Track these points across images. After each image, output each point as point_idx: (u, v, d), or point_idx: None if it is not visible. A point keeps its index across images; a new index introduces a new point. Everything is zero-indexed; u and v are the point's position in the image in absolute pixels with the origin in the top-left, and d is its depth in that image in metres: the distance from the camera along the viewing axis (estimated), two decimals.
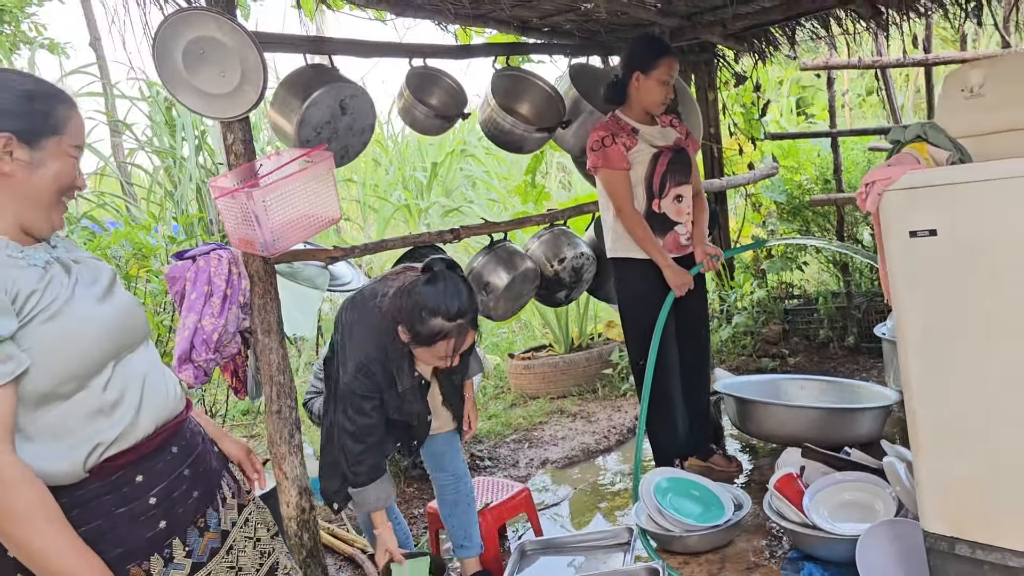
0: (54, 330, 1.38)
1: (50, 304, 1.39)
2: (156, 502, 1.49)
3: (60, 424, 1.39)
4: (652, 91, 3.32)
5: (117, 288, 1.57)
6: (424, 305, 2.33)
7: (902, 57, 5.36)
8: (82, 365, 1.41)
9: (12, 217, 1.44)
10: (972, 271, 1.90)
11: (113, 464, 1.44)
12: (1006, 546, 1.95)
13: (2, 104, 1.41)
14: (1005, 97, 2.27)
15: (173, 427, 1.57)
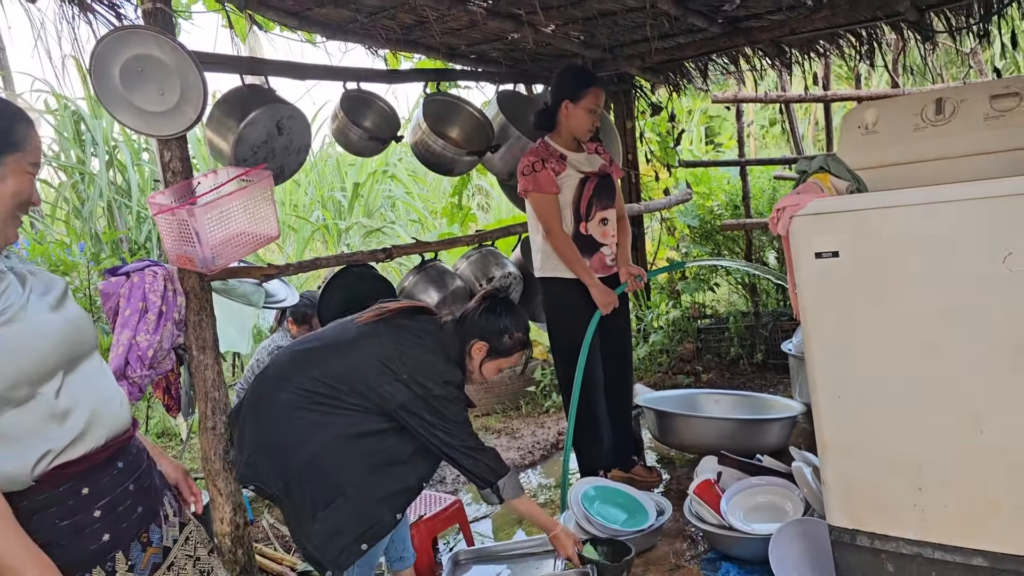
0: (8, 334, 1.40)
1: (5, 309, 1.41)
2: (101, 515, 1.51)
3: (11, 428, 1.40)
4: (580, 119, 3.51)
5: (68, 300, 1.59)
6: (510, 321, 2.67)
7: (804, 93, 5.76)
8: (34, 369, 1.43)
9: None
10: (869, 289, 2.12)
11: (62, 474, 1.45)
12: (899, 535, 2.17)
13: None
14: (895, 134, 2.54)
15: (122, 442, 1.59)
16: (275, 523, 3.94)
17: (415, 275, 3.89)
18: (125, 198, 7.78)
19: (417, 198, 10.15)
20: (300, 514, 2.46)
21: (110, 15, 3.25)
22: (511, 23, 3.79)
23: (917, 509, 2.14)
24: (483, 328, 2.64)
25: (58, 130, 8.10)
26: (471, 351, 2.63)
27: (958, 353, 2.02)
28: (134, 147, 8.09)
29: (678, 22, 3.97)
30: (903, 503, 2.16)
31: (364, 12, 3.62)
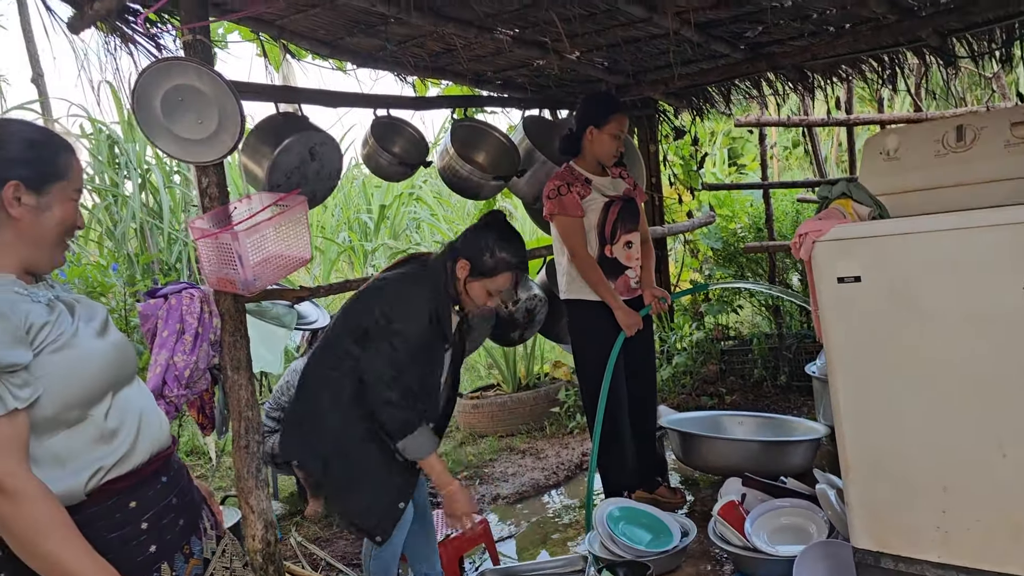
0: (62, 360, 1.47)
1: (59, 336, 1.48)
2: (147, 527, 1.57)
3: (65, 449, 1.48)
4: (604, 144, 3.58)
5: (111, 325, 1.67)
6: (495, 239, 2.62)
7: (826, 116, 5.80)
8: (85, 394, 1.50)
9: (17, 257, 1.53)
10: (892, 313, 2.16)
11: (112, 488, 1.52)
12: (923, 558, 2.19)
13: (9, 153, 1.50)
14: (917, 161, 2.58)
15: (164, 457, 1.66)
16: (303, 541, 4.00)
17: None
18: (156, 219, 7.95)
19: (442, 220, 10.25)
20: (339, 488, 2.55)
21: (150, 46, 3.38)
22: (536, 50, 3.88)
23: (941, 532, 2.16)
24: (466, 245, 2.64)
25: (93, 153, 8.30)
26: (456, 271, 2.63)
27: (980, 376, 2.05)
28: (166, 170, 8.28)
29: (701, 48, 4.04)
30: (927, 525, 2.18)
31: (393, 41, 3.73)
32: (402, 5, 3.05)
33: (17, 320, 1.42)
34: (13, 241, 1.52)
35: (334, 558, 3.81)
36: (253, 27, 3.62)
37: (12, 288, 1.48)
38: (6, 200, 1.49)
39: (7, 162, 1.50)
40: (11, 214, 1.49)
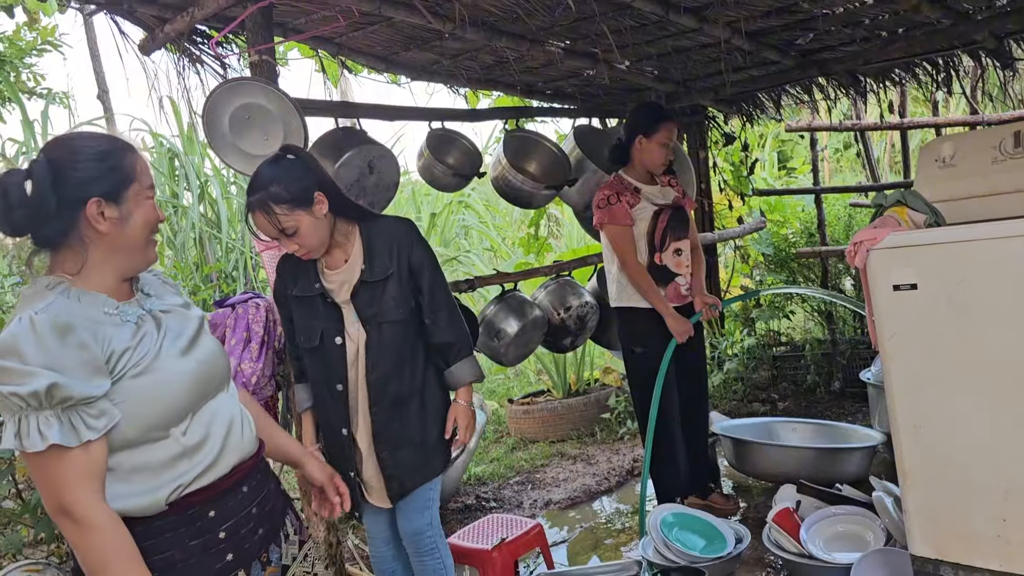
0: (142, 385, 1.49)
1: (140, 360, 1.50)
2: (225, 536, 1.59)
3: (145, 466, 1.51)
4: (654, 153, 3.62)
5: (203, 337, 1.66)
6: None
7: (879, 121, 5.73)
8: (166, 416, 1.52)
9: (111, 271, 1.55)
10: (948, 320, 2.16)
11: (191, 500, 1.55)
12: (984, 566, 2.18)
13: (82, 171, 1.50)
14: (972, 168, 2.58)
15: (248, 467, 1.68)
16: (360, 543, 4.10)
17: (496, 304, 4.04)
18: (215, 229, 8.19)
19: (492, 227, 10.35)
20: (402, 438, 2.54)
21: (216, 65, 3.52)
22: (587, 61, 3.94)
23: (1002, 540, 2.15)
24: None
25: (154, 166, 8.59)
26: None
27: None
28: (223, 181, 8.53)
29: (751, 56, 4.05)
30: (987, 533, 2.17)
31: (448, 55, 3.82)
32: (457, 22, 3.13)
33: (98, 349, 1.44)
34: (105, 257, 1.54)
35: None
36: (313, 44, 3.75)
37: (102, 309, 1.51)
38: (92, 219, 1.50)
39: (84, 182, 1.50)
40: (99, 231, 1.51)
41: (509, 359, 4.05)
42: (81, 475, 1.42)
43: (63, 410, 1.40)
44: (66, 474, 1.41)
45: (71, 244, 1.52)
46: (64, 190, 1.48)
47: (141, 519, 1.51)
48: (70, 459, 1.41)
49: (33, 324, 1.40)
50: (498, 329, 3.96)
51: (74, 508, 1.40)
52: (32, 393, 1.36)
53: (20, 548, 3.50)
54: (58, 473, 1.40)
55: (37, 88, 8.87)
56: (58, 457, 1.40)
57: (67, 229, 1.51)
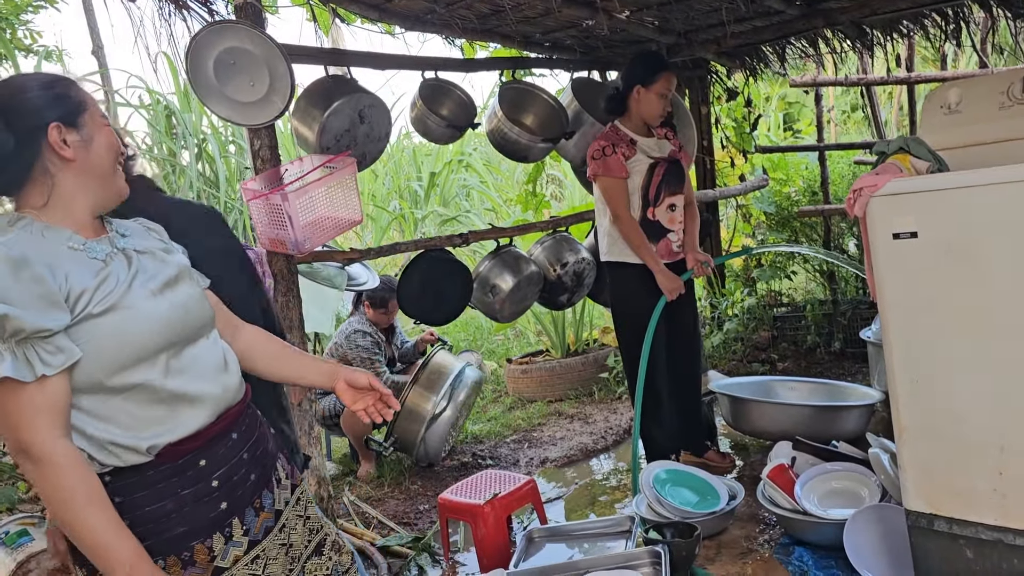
0: (106, 322, 1.43)
1: (105, 298, 1.44)
2: (218, 484, 1.55)
3: (123, 412, 1.46)
4: (652, 104, 3.52)
5: (183, 283, 1.61)
6: None
7: (886, 75, 5.60)
8: (133, 356, 1.45)
9: (81, 203, 1.50)
10: (948, 269, 2.10)
11: (179, 449, 1.51)
12: (979, 520, 2.14)
13: (33, 100, 1.45)
14: (979, 114, 2.49)
15: (234, 414, 1.64)
16: (355, 500, 4.09)
17: (491, 260, 3.98)
18: (213, 188, 8.12)
19: (492, 187, 10.26)
20: None
21: (203, 11, 3.42)
22: (586, 10, 3.83)
23: (998, 494, 2.11)
24: None
25: (151, 123, 8.50)
26: None
27: None
28: (221, 140, 8.44)
29: (754, 5, 3.93)
30: (983, 487, 2.13)
31: (442, 3, 3.71)
32: None
33: (55, 284, 1.39)
34: (74, 187, 1.49)
35: (385, 516, 3.90)
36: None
37: (66, 244, 1.46)
38: (55, 144, 1.45)
39: (38, 109, 1.45)
40: (64, 156, 1.46)
41: (504, 315, 4.00)
42: (38, 412, 1.37)
43: (16, 343, 1.35)
44: (22, 410, 1.36)
45: (35, 178, 1.46)
46: (19, 123, 1.43)
47: (132, 469, 1.47)
48: (26, 395, 1.36)
49: None
50: (492, 285, 3.91)
51: (31, 447, 1.36)
52: None
53: (15, 502, 3.50)
54: (14, 409, 1.36)
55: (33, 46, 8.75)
56: (13, 392, 1.36)
57: (29, 164, 1.45)
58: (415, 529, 3.76)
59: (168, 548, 1.49)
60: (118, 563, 1.40)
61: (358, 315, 4.62)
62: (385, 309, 4.51)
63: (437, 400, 4.36)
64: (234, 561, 1.57)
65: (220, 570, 1.54)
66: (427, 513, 3.95)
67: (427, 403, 4.36)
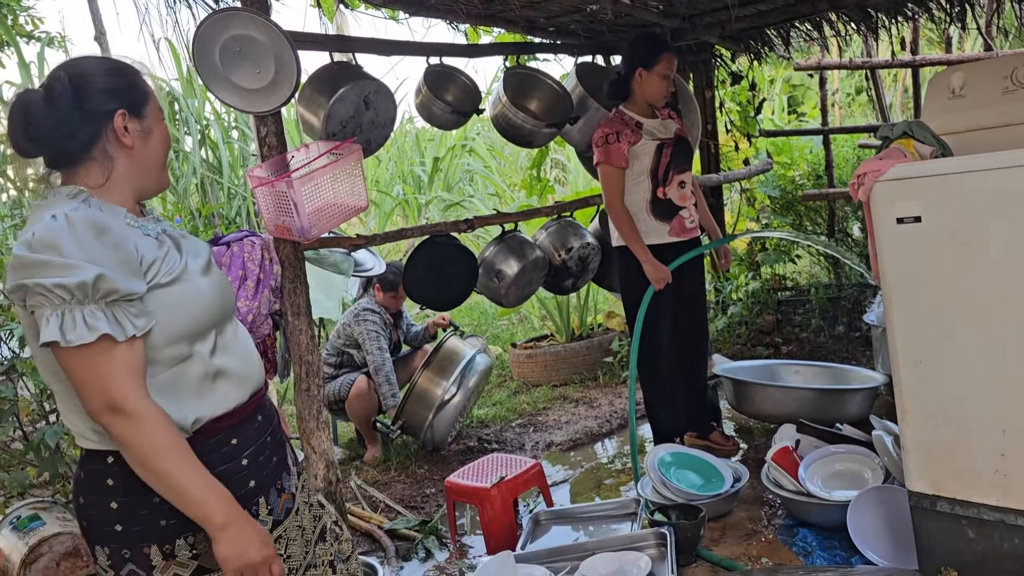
0: (173, 293, 1.50)
1: (169, 270, 1.51)
2: (247, 463, 1.60)
3: (171, 385, 1.51)
4: (655, 85, 3.53)
5: (213, 265, 1.68)
6: None
7: (890, 58, 5.58)
8: (193, 328, 1.52)
9: (131, 189, 1.56)
10: (952, 253, 2.11)
11: (216, 426, 1.56)
12: (981, 501, 2.17)
13: (102, 84, 1.51)
14: (983, 98, 2.49)
15: (260, 396, 1.70)
16: (362, 484, 4.13)
17: (496, 245, 3.99)
18: (216, 175, 8.13)
19: (495, 172, 10.26)
20: None
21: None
22: None
23: (999, 475, 2.13)
24: None
25: None
26: None
27: None
28: (224, 126, 8.43)
29: None
30: (985, 469, 2.15)
31: None
32: None
33: (132, 252, 1.45)
34: (126, 172, 1.54)
35: (392, 500, 3.94)
36: None
37: (124, 221, 1.51)
38: (119, 131, 1.51)
39: (107, 94, 1.51)
40: (124, 143, 1.52)
41: (509, 300, 4.02)
42: (129, 371, 1.41)
43: (106, 304, 1.39)
44: (114, 368, 1.39)
45: (95, 158, 1.52)
46: (88, 103, 1.49)
47: None
48: (118, 353, 1.40)
49: (69, 220, 1.39)
50: (498, 270, 3.92)
51: (126, 402, 1.39)
52: (80, 284, 1.36)
53: (26, 487, 3.54)
54: (107, 368, 1.39)
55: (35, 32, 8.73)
56: (106, 351, 1.39)
57: (91, 143, 1.51)
58: (422, 512, 3.80)
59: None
60: (215, 511, 1.45)
61: (367, 297, 4.67)
62: (395, 293, 4.55)
63: (447, 386, 4.40)
64: None
65: None
66: (434, 497, 3.99)
67: (437, 388, 4.39)
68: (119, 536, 1.50)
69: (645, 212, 3.59)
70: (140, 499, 1.49)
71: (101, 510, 1.50)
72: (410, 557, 3.38)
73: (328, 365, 4.63)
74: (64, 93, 1.47)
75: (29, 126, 1.48)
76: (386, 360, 4.51)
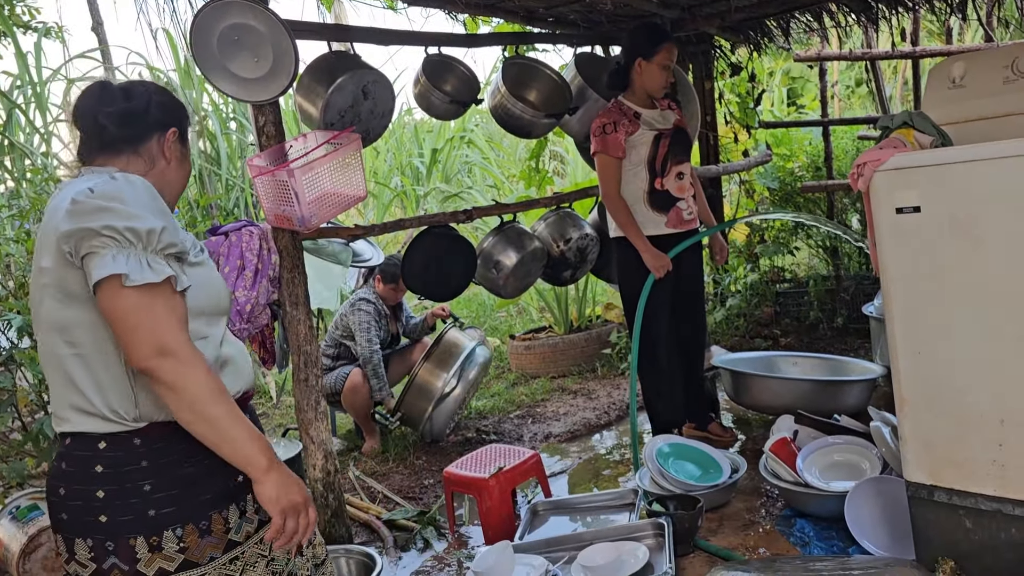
0: (199, 272, 1.58)
1: (198, 254, 1.61)
2: None
3: None
4: (654, 75, 3.52)
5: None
6: None
7: (891, 49, 5.57)
8: (211, 307, 1.60)
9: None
10: (951, 244, 2.11)
11: None
12: (978, 491, 2.17)
13: (171, 103, 1.67)
14: (983, 88, 2.49)
15: (250, 396, 1.74)
16: (361, 475, 4.14)
17: (494, 236, 3.98)
18: (214, 166, 8.11)
19: (494, 163, 10.24)
20: None
21: None
22: None
23: (997, 465, 2.14)
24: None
25: None
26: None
27: None
28: (222, 117, 8.40)
29: None
30: (982, 459, 2.16)
31: None
32: None
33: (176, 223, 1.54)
34: (157, 180, 1.62)
35: (390, 491, 3.94)
36: None
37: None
38: (167, 145, 1.64)
39: (174, 110, 1.67)
40: (166, 155, 1.65)
41: (508, 291, 4.02)
42: (180, 319, 1.47)
43: (165, 256, 1.46)
44: (170, 315, 1.44)
45: (141, 154, 1.62)
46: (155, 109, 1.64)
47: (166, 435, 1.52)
48: (176, 301, 1.47)
49: (128, 179, 1.50)
50: (496, 261, 3.92)
51: (179, 346, 1.43)
52: (149, 231, 1.43)
53: (25, 477, 3.54)
54: (163, 311, 1.43)
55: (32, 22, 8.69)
56: (166, 295, 1.45)
57: (144, 140, 1.62)
58: (420, 503, 3.80)
59: (189, 515, 1.53)
60: (262, 453, 1.51)
61: (367, 288, 4.65)
62: (396, 285, 4.52)
63: (448, 378, 4.40)
64: (246, 537, 1.61)
65: (233, 544, 1.59)
66: (432, 487, 3.99)
67: (438, 380, 4.39)
68: (103, 527, 1.49)
69: (642, 203, 3.58)
70: (130, 487, 1.49)
71: (85, 500, 1.49)
72: (408, 547, 3.38)
73: (326, 357, 4.63)
74: (143, 93, 1.64)
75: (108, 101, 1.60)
76: (374, 352, 4.49)
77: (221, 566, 1.56)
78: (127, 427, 1.50)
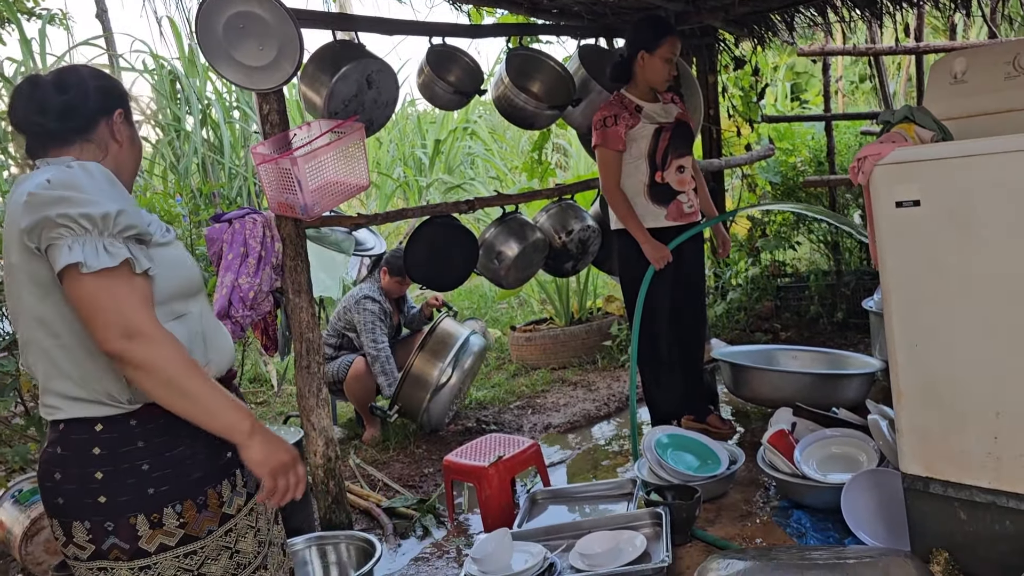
0: (167, 253, 1.59)
1: (166, 234, 1.62)
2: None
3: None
4: (657, 69, 3.53)
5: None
6: None
7: (895, 45, 5.57)
8: (186, 287, 1.61)
9: None
10: (950, 238, 2.12)
11: None
12: (973, 483, 2.19)
13: (109, 86, 1.65)
14: (985, 84, 2.50)
15: (232, 375, 1.76)
16: (361, 463, 4.16)
17: (496, 227, 4.00)
18: (217, 155, 8.12)
19: (497, 155, 10.24)
20: None
21: None
22: None
23: (992, 457, 2.16)
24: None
25: (156, 88, 8.47)
26: None
27: None
28: (225, 105, 8.41)
29: None
30: (978, 451, 2.18)
31: None
32: None
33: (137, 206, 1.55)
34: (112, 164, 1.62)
35: (390, 479, 3.97)
36: None
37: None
38: (115, 126, 1.63)
39: (114, 92, 1.65)
40: (117, 140, 1.63)
41: (509, 282, 4.03)
42: (144, 300, 1.46)
43: (124, 239, 1.46)
44: (132, 296, 1.44)
45: (93, 140, 1.62)
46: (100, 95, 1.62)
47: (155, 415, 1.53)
48: (137, 282, 1.46)
49: (84, 167, 1.49)
50: (498, 251, 3.94)
51: (145, 327, 1.43)
52: (104, 215, 1.42)
53: (27, 461, 3.57)
54: (124, 294, 1.44)
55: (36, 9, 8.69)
56: (126, 278, 1.44)
57: (93, 127, 1.61)
58: (420, 492, 3.83)
59: (186, 492, 1.56)
60: (243, 419, 1.52)
61: (371, 281, 4.64)
62: (402, 278, 4.50)
63: (443, 367, 4.40)
64: (237, 509, 1.65)
65: (226, 516, 1.62)
66: (432, 476, 4.02)
67: (433, 370, 4.40)
68: (103, 508, 1.50)
69: (643, 196, 3.59)
70: (128, 467, 1.51)
71: (83, 483, 1.51)
72: (408, 535, 3.41)
73: (328, 346, 4.64)
74: (79, 83, 1.61)
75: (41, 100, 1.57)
76: (381, 351, 4.49)
77: (218, 538, 1.60)
78: (123, 409, 1.52)
